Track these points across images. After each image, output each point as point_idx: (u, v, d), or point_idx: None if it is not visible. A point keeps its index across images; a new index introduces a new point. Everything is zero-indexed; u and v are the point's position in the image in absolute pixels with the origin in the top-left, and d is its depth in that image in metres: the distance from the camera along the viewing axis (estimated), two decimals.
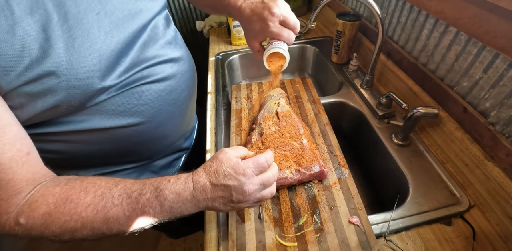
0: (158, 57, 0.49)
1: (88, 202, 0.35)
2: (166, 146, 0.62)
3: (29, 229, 0.34)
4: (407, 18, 0.70)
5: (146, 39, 0.47)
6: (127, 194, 0.36)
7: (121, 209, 0.36)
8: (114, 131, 0.47)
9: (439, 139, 0.63)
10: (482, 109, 0.55)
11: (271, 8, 0.46)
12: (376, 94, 0.78)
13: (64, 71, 0.37)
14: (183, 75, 0.55)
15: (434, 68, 0.65)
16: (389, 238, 0.50)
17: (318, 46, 1.07)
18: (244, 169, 0.38)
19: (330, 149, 0.62)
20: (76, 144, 0.46)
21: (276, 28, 0.47)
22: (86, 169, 0.55)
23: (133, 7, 0.46)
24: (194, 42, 1.54)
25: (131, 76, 0.45)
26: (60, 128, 0.43)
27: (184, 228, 0.99)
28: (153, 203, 0.36)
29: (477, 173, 0.54)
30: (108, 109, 0.44)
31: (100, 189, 0.37)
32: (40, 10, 0.36)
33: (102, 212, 0.35)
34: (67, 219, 0.34)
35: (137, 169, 0.61)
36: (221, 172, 0.38)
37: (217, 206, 0.39)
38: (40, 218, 0.34)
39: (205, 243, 0.51)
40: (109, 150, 0.51)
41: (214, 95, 0.86)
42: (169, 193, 0.37)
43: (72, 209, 0.35)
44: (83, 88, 0.39)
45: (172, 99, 0.53)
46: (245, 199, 0.38)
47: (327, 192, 0.54)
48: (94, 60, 0.39)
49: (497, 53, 0.49)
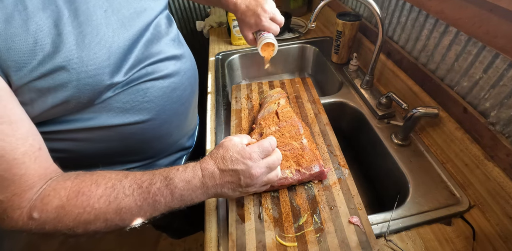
0: (161, 54, 0.50)
1: (100, 194, 0.36)
2: (170, 144, 0.63)
3: (42, 223, 0.34)
4: (407, 18, 0.70)
5: (149, 37, 0.48)
6: (138, 184, 0.37)
7: (132, 199, 0.36)
8: (120, 128, 0.48)
9: (439, 139, 0.63)
10: (482, 109, 0.55)
11: (263, 5, 0.55)
12: (376, 94, 0.78)
13: (75, 67, 0.38)
14: (185, 73, 0.57)
15: (434, 68, 0.65)
16: (389, 238, 0.50)
17: (318, 46, 1.07)
18: (250, 153, 0.39)
19: (330, 149, 0.62)
20: (83, 142, 0.47)
21: (267, 22, 0.56)
22: (91, 168, 0.56)
23: (138, 5, 0.48)
24: (194, 42, 1.54)
25: (136, 73, 0.46)
26: (68, 126, 0.43)
27: (185, 228, 0.99)
28: (164, 191, 0.37)
29: (477, 173, 0.54)
30: (115, 106, 0.45)
31: (110, 181, 0.37)
32: (52, 6, 0.37)
33: (115, 203, 0.36)
34: (80, 212, 0.35)
35: (141, 168, 0.62)
36: (228, 158, 0.39)
37: (226, 192, 0.40)
38: (53, 211, 0.34)
39: (205, 243, 0.51)
40: (115, 148, 0.51)
41: (214, 95, 0.86)
42: (179, 181, 0.37)
43: (84, 201, 0.35)
44: (93, 84, 0.40)
45: (176, 97, 0.54)
46: (253, 182, 0.40)
47: (327, 192, 0.54)
48: (103, 56, 0.40)
49: (497, 53, 0.49)
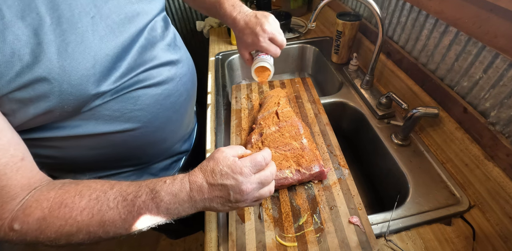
0: (155, 60, 0.48)
1: (83, 206, 0.35)
2: (165, 150, 0.61)
3: (24, 234, 0.34)
4: (407, 18, 0.70)
5: (143, 43, 0.46)
6: (123, 196, 0.36)
7: (117, 212, 0.35)
8: (110, 136, 0.46)
9: (439, 139, 0.63)
10: (482, 109, 0.55)
11: (263, 25, 0.52)
12: (376, 94, 0.78)
13: (56, 77, 0.36)
14: (181, 78, 0.54)
15: (434, 68, 0.65)
16: (389, 238, 0.50)
17: (318, 46, 1.07)
18: (241, 167, 0.37)
19: (330, 149, 0.62)
20: (72, 149, 0.46)
21: (265, 43, 0.53)
22: (83, 173, 0.55)
23: (129, 10, 0.45)
24: (194, 42, 1.54)
25: (127, 81, 0.44)
26: (55, 133, 0.42)
27: (184, 229, 0.99)
28: (149, 205, 0.36)
29: (477, 173, 0.54)
30: (103, 114, 0.44)
31: (95, 192, 0.36)
32: (32, 14, 0.35)
33: (98, 215, 0.35)
34: (62, 224, 0.34)
35: (136, 171, 0.61)
36: (217, 171, 0.37)
37: (215, 206, 0.38)
38: (35, 223, 0.34)
39: (205, 243, 0.51)
40: (106, 155, 0.50)
41: (214, 95, 0.86)
42: (165, 194, 0.36)
43: (67, 214, 0.34)
44: (77, 94, 0.39)
45: (169, 104, 0.52)
46: (243, 198, 0.38)
47: (327, 192, 0.54)
48: (88, 66, 0.39)
49: (497, 53, 0.49)
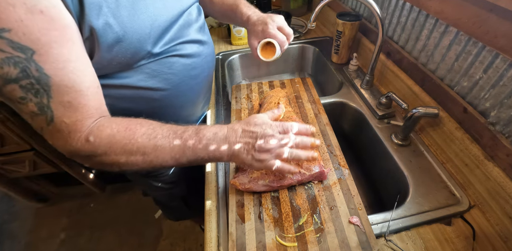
0: (189, 37, 0.58)
1: (143, 132, 0.44)
2: (182, 118, 0.68)
3: (96, 147, 0.42)
4: (407, 18, 0.70)
5: (182, 22, 0.56)
6: (173, 131, 0.45)
7: (167, 141, 0.44)
8: (145, 91, 0.55)
9: (439, 139, 0.63)
10: (482, 109, 0.55)
11: (273, 17, 0.61)
12: (376, 94, 0.78)
13: (128, 31, 0.46)
14: (206, 57, 0.64)
15: (434, 68, 0.65)
16: (389, 238, 0.50)
17: (318, 46, 1.07)
18: (271, 124, 0.47)
19: (330, 149, 0.62)
20: (121, 100, 0.54)
21: (273, 30, 0.59)
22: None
23: None
24: None
25: (168, 49, 0.54)
26: (111, 81, 0.51)
27: (182, 209, 1.02)
28: (194, 137, 0.45)
29: (477, 173, 0.54)
30: (145, 72, 0.53)
31: (152, 125, 0.45)
32: None
33: (153, 140, 0.43)
34: (126, 142, 0.43)
35: None
36: (252, 122, 0.47)
37: (242, 152, 0.46)
38: (106, 138, 0.42)
39: (205, 243, 0.51)
40: (140, 109, 0.58)
41: (214, 95, 0.86)
42: (206, 132, 0.46)
43: (130, 135, 0.43)
44: (138, 49, 0.48)
45: (194, 75, 0.62)
46: (265, 148, 0.45)
47: (327, 192, 0.54)
48: (146, 31, 0.48)
49: (497, 53, 0.49)
